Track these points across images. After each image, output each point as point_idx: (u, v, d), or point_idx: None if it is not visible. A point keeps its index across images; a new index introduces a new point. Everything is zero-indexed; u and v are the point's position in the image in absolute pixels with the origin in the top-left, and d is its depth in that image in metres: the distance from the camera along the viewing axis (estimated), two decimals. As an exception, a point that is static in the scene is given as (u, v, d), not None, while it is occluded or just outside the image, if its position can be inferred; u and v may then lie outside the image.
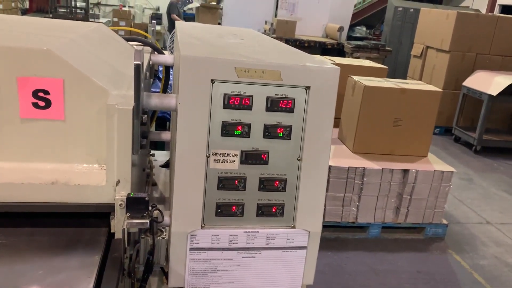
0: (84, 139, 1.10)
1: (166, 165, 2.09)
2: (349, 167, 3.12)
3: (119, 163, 1.04)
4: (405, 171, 3.23)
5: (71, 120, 1.08)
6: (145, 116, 1.25)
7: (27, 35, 1.22)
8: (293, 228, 1.17)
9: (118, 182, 1.04)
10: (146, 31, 9.64)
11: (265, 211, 1.15)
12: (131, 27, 9.38)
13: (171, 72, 1.94)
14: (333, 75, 1.11)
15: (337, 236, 3.30)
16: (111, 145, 1.04)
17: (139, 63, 1.01)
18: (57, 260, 0.98)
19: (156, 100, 1.15)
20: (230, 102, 1.08)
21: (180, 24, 1.98)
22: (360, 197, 3.19)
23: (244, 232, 1.15)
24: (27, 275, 0.94)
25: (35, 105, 1.06)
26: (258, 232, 1.15)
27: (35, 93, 1.05)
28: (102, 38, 1.51)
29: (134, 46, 1.76)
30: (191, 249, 1.12)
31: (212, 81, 1.06)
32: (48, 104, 1.07)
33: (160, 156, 2.18)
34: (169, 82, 1.95)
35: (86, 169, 1.10)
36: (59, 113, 1.08)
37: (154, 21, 2.54)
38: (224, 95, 1.07)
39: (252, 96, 1.08)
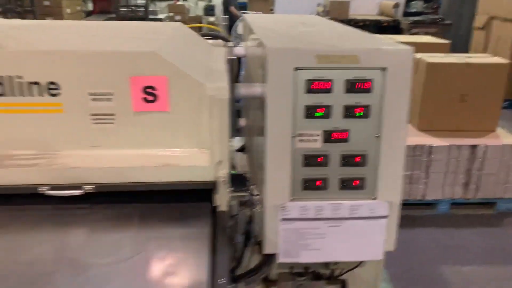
0: (186, 127, 1.26)
1: (241, 149, 2.25)
2: (415, 145, 3.14)
3: (220, 146, 1.19)
4: (473, 147, 3.19)
5: (175, 111, 1.25)
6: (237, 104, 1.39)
7: (131, 40, 1.41)
8: (375, 199, 1.28)
9: (219, 162, 1.20)
10: (201, 23, 9.92)
11: (348, 185, 1.27)
12: (185, 20, 9.69)
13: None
14: (408, 56, 1.19)
15: (405, 213, 3.33)
16: (212, 131, 1.20)
17: (233, 57, 1.15)
18: (174, 229, 1.16)
19: (243, 90, 1.29)
20: (312, 87, 1.20)
21: (248, 16, 2.12)
22: (428, 174, 3.20)
23: (329, 204, 1.27)
24: (152, 241, 1.13)
25: (145, 100, 1.24)
26: (341, 204, 1.28)
27: (144, 90, 1.23)
28: (186, 36, 1.68)
29: (210, 41, 1.92)
30: (282, 219, 1.27)
31: (295, 69, 1.19)
32: (155, 98, 1.24)
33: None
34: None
35: (190, 153, 1.27)
36: (164, 105, 1.25)
37: (226, 16, 2.69)
38: (306, 81, 1.19)
39: (332, 80, 1.20)
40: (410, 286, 2.74)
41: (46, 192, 1.16)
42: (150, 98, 1.24)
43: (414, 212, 3.35)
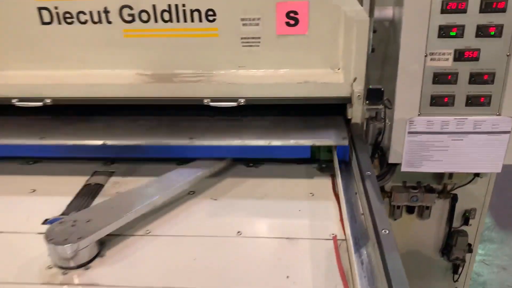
0: (323, 48, 1.41)
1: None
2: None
3: (356, 64, 1.33)
4: None
5: (313, 34, 1.40)
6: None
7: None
8: (499, 115, 1.36)
9: (355, 79, 1.34)
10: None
11: (474, 101, 1.36)
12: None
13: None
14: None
15: None
16: (348, 51, 1.34)
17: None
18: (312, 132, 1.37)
19: (377, 13, 1.39)
20: (447, 7, 1.27)
21: None
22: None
23: (454, 119, 1.38)
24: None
25: (287, 24, 1.40)
26: (466, 119, 1.38)
27: (287, 14, 1.38)
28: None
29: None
30: (409, 132, 1.41)
31: (432, -10, 1.26)
32: (296, 22, 1.39)
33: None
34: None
35: (325, 72, 1.43)
36: (304, 28, 1.40)
37: None
38: (442, 1, 1.26)
39: (467, 0, 1.26)
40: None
41: (209, 103, 1.40)
42: (292, 22, 1.40)
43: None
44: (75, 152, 1.54)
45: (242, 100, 1.41)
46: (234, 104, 1.40)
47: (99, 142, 1.37)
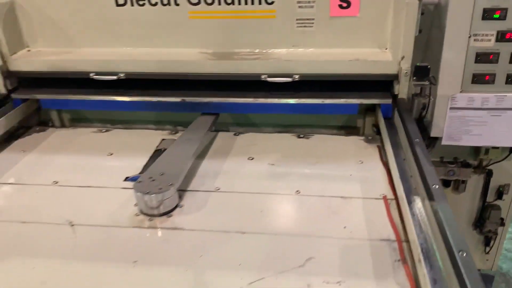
0: (371, 29, 1.54)
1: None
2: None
3: (404, 44, 1.45)
4: None
5: (363, 16, 1.52)
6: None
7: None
8: (537, 93, 1.47)
9: (402, 57, 1.47)
10: None
11: (514, 80, 1.46)
12: None
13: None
14: None
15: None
16: (397, 31, 1.46)
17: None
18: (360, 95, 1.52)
19: (423, -4, 1.50)
20: (492, -9, 1.38)
21: None
22: None
23: (494, 96, 1.49)
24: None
25: (340, 6, 1.53)
26: (506, 96, 1.48)
27: (341, -3, 1.51)
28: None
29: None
30: (450, 108, 1.52)
31: (478, -26, 1.36)
32: (348, 4, 1.52)
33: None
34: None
35: (374, 51, 1.56)
36: (356, 10, 1.53)
37: None
38: (487, -15, 1.37)
39: (511, -16, 1.36)
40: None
41: (266, 79, 1.54)
42: (344, 4, 1.52)
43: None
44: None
45: (297, 76, 1.54)
46: (289, 79, 1.54)
47: (177, 99, 1.57)
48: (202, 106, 1.64)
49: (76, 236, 1.16)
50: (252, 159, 1.49)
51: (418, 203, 1.10)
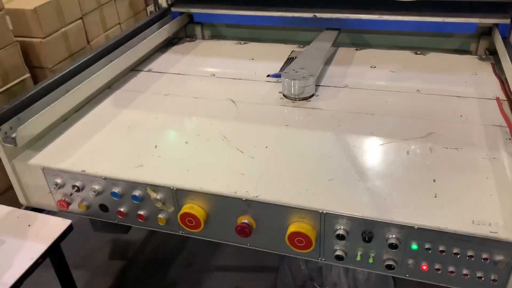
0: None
1: None
2: None
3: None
4: None
5: None
6: None
7: None
8: None
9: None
10: None
11: None
12: None
13: None
14: None
15: None
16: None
17: None
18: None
19: None
20: None
21: None
22: None
23: None
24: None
25: None
26: None
27: None
28: None
29: None
30: None
31: None
32: None
33: None
34: None
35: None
36: None
37: None
38: None
39: None
40: None
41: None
42: None
43: None
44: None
45: (420, -5, 1.71)
46: (413, -3, 1.72)
47: (309, 15, 1.83)
48: (327, 22, 1.88)
49: (238, 108, 1.49)
50: (375, 67, 1.72)
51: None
